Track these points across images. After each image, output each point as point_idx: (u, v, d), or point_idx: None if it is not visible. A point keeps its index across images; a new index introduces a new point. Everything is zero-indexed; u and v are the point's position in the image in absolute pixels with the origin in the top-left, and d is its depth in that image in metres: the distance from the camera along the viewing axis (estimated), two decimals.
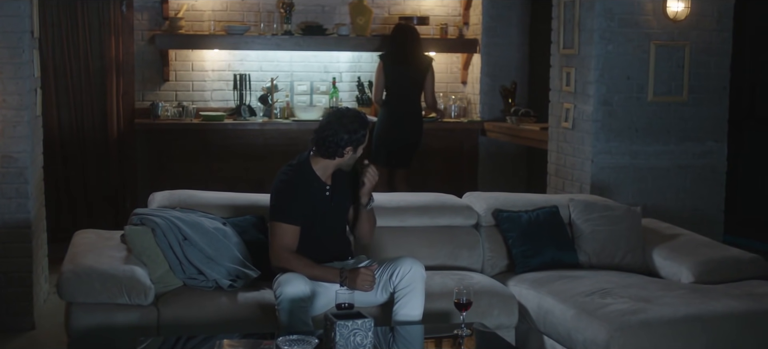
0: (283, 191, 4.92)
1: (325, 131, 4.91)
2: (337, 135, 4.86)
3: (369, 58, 9.38)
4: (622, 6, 6.98)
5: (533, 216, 5.76)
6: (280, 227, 4.89)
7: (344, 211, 5.11)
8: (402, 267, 4.83)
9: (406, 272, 4.82)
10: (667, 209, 7.14)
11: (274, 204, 4.93)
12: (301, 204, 4.89)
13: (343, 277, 4.75)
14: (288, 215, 4.88)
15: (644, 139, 7.13)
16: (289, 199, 4.89)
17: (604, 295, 4.93)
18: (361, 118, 4.94)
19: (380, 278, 4.86)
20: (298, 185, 4.92)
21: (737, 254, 5.59)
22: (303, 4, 9.17)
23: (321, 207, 4.96)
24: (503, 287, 5.35)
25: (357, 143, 4.91)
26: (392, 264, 4.88)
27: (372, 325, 4.15)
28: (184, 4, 8.95)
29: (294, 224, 4.88)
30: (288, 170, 4.98)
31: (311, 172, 4.96)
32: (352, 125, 4.87)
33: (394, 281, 4.83)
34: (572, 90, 7.28)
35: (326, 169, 4.97)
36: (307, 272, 4.79)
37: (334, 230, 5.07)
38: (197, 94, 9.12)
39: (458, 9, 9.56)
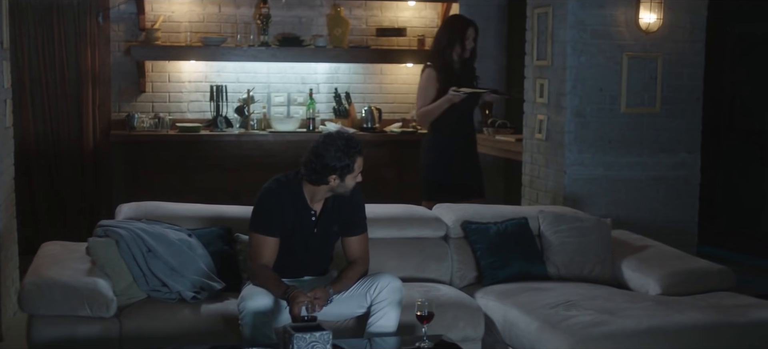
0: (265, 203, 4.86)
1: (311, 156, 4.79)
2: (322, 161, 4.75)
3: (346, 69, 9.39)
4: (595, 18, 6.97)
5: (502, 228, 5.75)
6: (258, 238, 4.85)
7: (329, 240, 5.02)
8: (380, 282, 4.83)
9: (384, 287, 4.81)
10: (640, 220, 7.13)
11: (255, 215, 4.88)
12: (282, 219, 4.83)
13: (287, 295, 4.63)
14: (266, 227, 4.83)
15: (617, 150, 7.12)
16: (269, 212, 4.83)
17: (569, 307, 4.92)
18: (351, 145, 4.78)
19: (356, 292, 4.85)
20: (282, 200, 4.85)
21: (705, 265, 5.59)
22: (280, 15, 9.16)
23: (304, 229, 4.90)
24: (470, 299, 5.33)
25: (343, 171, 4.77)
26: (370, 279, 4.88)
27: (330, 338, 4.15)
28: (161, 15, 8.94)
29: (272, 237, 4.83)
30: (275, 184, 4.91)
31: (300, 193, 4.88)
32: (338, 153, 4.73)
33: (372, 294, 4.82)
34: (546, 101, 7.28)
35: (315, 194, 4.88)
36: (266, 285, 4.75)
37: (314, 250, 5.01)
38: (174, 105, 9.10)
39: (436, 20, 9.55)
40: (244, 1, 9.10)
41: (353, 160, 4.75)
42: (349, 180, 4.79)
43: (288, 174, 4.92)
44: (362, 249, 4.99)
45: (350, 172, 4.77)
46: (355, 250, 4.98)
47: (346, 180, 4.78)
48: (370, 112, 9.14)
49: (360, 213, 5.02)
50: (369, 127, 9.12)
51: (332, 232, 4.96)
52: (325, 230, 4.94)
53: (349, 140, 4.79)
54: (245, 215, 5.08)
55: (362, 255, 4.98)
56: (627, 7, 7.01)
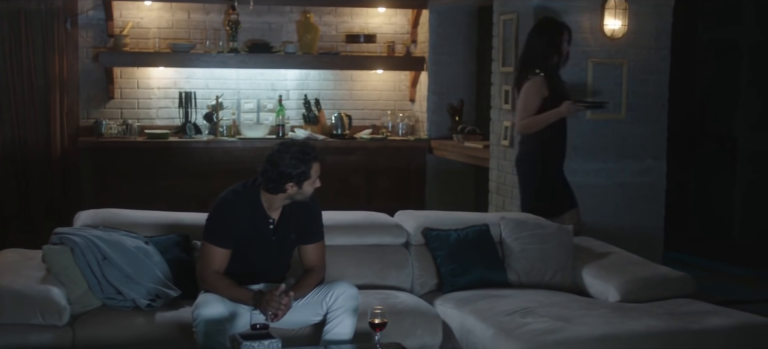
0: (220, 213, 4.83)
1: (267, 165, 4.76)
2: (277, 170, 4.72)
3: (316, 75, 9.37)
4: None
5: (462, 235, 5.73)
6: (209, 247, 4.82)
7: (286, 248, 4.98)
8: (336, 289, 4.80)
9: (340, 294, 4.78)
10: (606, 227, 7.12)
11: (209, 225, 4.86)
12: (236, 230, 4.80)
13: (255, 301, 4.67)
14: (219, 238, 4.80)
15: (583, 156, 7.12)
16: (224, 222, 4.80)
17: (525, 314, 4.90)
18: (305, 151, 4.75)
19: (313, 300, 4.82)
20: (238, 210, 4.82)
21: (666, 272, 5.59)
22: (250, 22, 9.14)
23: (262, 237, 4.87)
24: (428, 307, 5.31)
25: (300, 178, 4.74)
26: (326, 287, 4.85)
27: (279, 345, 4.12)
28: (130, 21, 8.91)
29: (223, 248, 4.81)
30: (231, 194, 4.88)
31: (257, 201, 4.85)
32: (293, 160, 4.70)
33: (328, 302, 4.79)
34: (511, 108, 7.27)
35: (273, 202, 4.84)
36: (227, 293, 4.74)
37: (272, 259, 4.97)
38: (143, 111, 9.07)
39: (406, 27, 9.55)
40: (213, 8, 9.07)
41: (309, 167, 4.73)
42: (307, 186, 4.77)
43: (246, 182, 4.89)
44: (319, 257, 4.97)
45: (307, 178, 4.75)
46: (312, 258, 4.96)
47: (304, 187, 4.76)
48: (340, 118, 9.13)
49: (317, 221, 5.00)
50: (339, 134, 9.10)
51: (290, 240, 4.94)
52: (283, 238, 4.91)
53: (303, 147, 4.77)
54: (203, 222, 5.03)
55: (319, 263, 4.96)
56: (592, 14, 7.02)
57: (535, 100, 6.51)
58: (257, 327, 4.37)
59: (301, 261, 4.99)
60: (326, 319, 4.80)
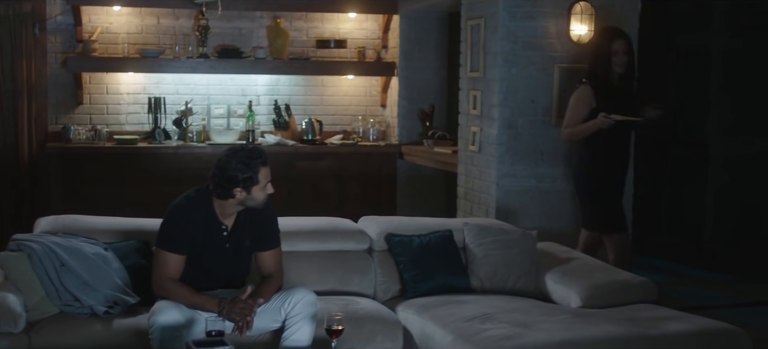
0: (174, 220, 4.81)
1: (215, 170, 4.76)
2: (225, 174, 4.71)
3: (287, 81, 9.36)
4: (526, 29, 6.97)
5: (425, 240, 5.71)
6: (163, 255, 4.79)
7: (242, 255, 4.94)
8: (294, 296, 4.78)
9: (298, 301, 4.75)
10: (573, 232, 7.11)
11: (162, 232, 4.83)
12: (190, 236, 4.77)
13: (220, 307, 4.65)
14: (173, 245, 4.77)
15: (549, 162, 7.11)
16: (178, 229, 4.77)
17: (484, 320, 4.88)
18: (253, 156, 4.73)
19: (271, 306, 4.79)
20: (191, 217, 4.79)
21: (627, 278, 5.58)
22: (220, 27, 9.11)
23: (216, 244, 4.84)
24: (389, 313, 5.28)
25: (247, 183, 4.72)
26: (285, 293, 4.83)
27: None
28: (99, 26, 8.87)
29: (178, 254, 4.78)
30: (184, 200, 4.86)
31: (210, 208, 4.82)
32: (240, 165, 4.68)
33: (286, 308, 4.77)
34: (479, 113, 7.26)
35: (225, 208, 4.82)
36: (186, 300, 4.71)
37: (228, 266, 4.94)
38: (112, 117, 9.03)
39: (377, 32, 9.54)
40: (183, 13, 9.04)
41: (256, 171, 4.70)
42: (257, 192, 4.74)
43: (199, 189, 4.88)
44: (276, 263, 4.95)
45: (255, 183, 4.72)
46: (269, 264, 4.94)
47: (253, 192, 4.73)
48: (311, 124, 9.10)
49: (273, 227, 4.98)
50: (309, 140, 9.07)
51: (245, 247, 4.91)
52: (238, 245, 4.88)
53: (251, 151, 4.75)
54: None
55: (276, 269, 4.94)
56: (558, 19, 7.02)
57: (581, 110, 6.48)
58: (213, 334, 4.35)
59: (259, 268, 4.97)
60: (285, 325, 4.77)
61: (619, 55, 6.43)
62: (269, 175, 4.78)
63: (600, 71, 6.47)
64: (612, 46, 6.42)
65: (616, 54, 6.42)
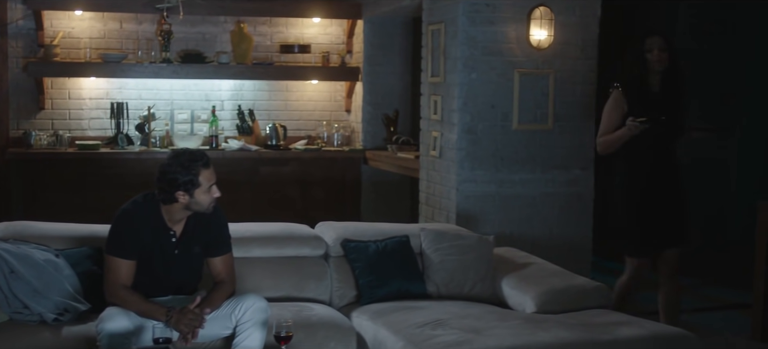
0: (122, 225, 4.78)
1: (158, 174, 4.73)
2: (166, 178, 4.68)
3: (251, 86, 9.33)
4: (486, 34, 6.96)
5: (381, 246, 5.68)
6: (113, 261, 4.75)
7: (192, 261, 4.90)
8: (245, 302, 4.75)
9: (249, 307, 4.72)
10: (534, 237, 7.12)
11: (111, 237, 4.79)
12: (139, 241, 4.74)
13: (169, 316, 4.61)
14: (122, 250, 4.73)
15: (510, 167, 7.10)
16: (126, 234, 4.74)
17: (436, 326, 4.86)
18: (193, 159, 4.69)
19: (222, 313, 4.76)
20: (139, 222, 4.76)
21: (582, 282, 5.57)
22: (183, 32, 9.07)
23: (165, 250, 4.81)
24: (343, 319, 5.25)
25: (188, 187, 4.67)
26: (235, 299, 4.80)
27: None
28: (61, 31, 8.81)
29: (128, 259, 4.74)
30: (131, 206, 4.83)
31: (158, 213, 4.79)
32: (181, 168, 4.65)
33: (237, 315, 4.74)
34: (439, 118, 7.25)
35: (172, 214, 4.78)
36: (136, 307, 4.67)
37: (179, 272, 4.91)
38: (74, 122, 8.98)
39: (342, 37, 9.52)
40: (146, 18, 9.00)
41: (197, 174, 4.67)
42: (200, 195, 4.70)
43: (147, 194, 4.84)
44: (227, 269, 4.91)
45: (197, 186, 4.68)
46: (220, 270, 4.90)
47: (196, 196, 4.69)
48: (275, 129, 9.07)
49: (223, 233, 4.94)
50: (274, 145, 9.04)
51: (195, 253, 4.87)
52: (187, 251, 4.85)
53: (191, 154, 4.73)
54: None
55: (227, 275, 4.91)
56: (518, 24, 7.01)
57: (614, 116, 5.92)
58: (160, 341, 4.32)
59: (211, 274, 4.94)
60: (235, 332, 4.74)
61: (655, 53, 5.82)
62: (213, 178, 4.74)
63: (634, 73, 5.89)
64: (645, 44, 5.85)
65: (651, 51, 5.82)
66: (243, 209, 8.55)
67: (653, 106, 5.84)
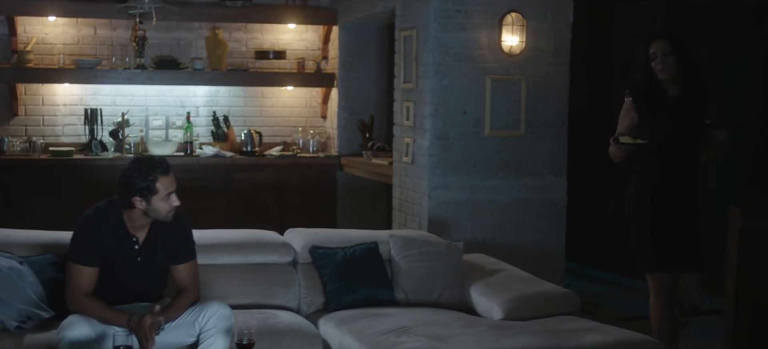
0: (84, 232, 4.77)
1: (119, 179, 4.74)
2: (124, 183, 4.68)
3: (226, 92, 9.30)
4: (457, 40, 6.95)
5: (349, 253, 5.66)
6: (75, 268, 4.73)
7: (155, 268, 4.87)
8: (209, 309, 4.73)
9: (212, 314, 4.71)
10: (507, 244, 7.10)
11: (73, 244, 4.78)
12: (101, 248, 4.72)
13: (130, 323, 4.58)
14: (84, 257, 4.71)
15: (482, 173, 7.09)
16: (88, 241, 4.72)
17: (400, 333, 4.85)
18: (152, 165, 4.68)
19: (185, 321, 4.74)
20: (101, 229, 4.74)
21: (550, 289, 5.56)
22: (158, 38, 9.04)
23: (128, 257, 4.78)
24: (309, 326, 5.23)
25: (145, 193, 4.66)
26: (199, 307, 4.77)
27: None
28: (34, 37, 8.77)
29: (89, 266, 4.72)
30: (94, 212, 4.82)
31: (120, 220, 4.77)
32: (138, 174, 4.65)
33: (201, 322, 4.72)
34: (412, 124, 7.24)
35: (134, 221, 4.76)
36: (98, 314, 4.64)
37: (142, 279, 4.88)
38: (48, 129, 8.93)
39: (317, 43, 9.49)
40: (120, 23, 8.95)
41: (154, 180, 4.64)
42: (158, 202, 4.67)
43: (110, 200, 4.82)
44: (191, 277, 4.89)
45: (154, 193, 4.65)
46: (184, 278, 4.87)
47: (154, 202, 4.67)
48: (250, 135, 9.03)
49: (186, 240, 4.92)
50: (249, 151, 9.00)
51: (158, 260, 4.85)
52: (150, 258, 4.82)
53: (151, 160, 4.73)
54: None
55: (191, 283, 4.88)
56: (489, 30, 7.00)
57: (625, 124, 5.51)
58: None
59: (174, 281, 4.91)
60: (199, 340, 4.73)
61: (658, 59, 5.35)
62: (172, 186, 4.71)
63: (641, 80, 5.47)
64: (649, 50, 5.38)
65: (654, 59, 5.36)
66: (217, 215, 8.54)
67: (669, 113, 5.37)
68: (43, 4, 8.61)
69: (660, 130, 5.37)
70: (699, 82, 5.44)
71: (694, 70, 5.41)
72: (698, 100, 5.43)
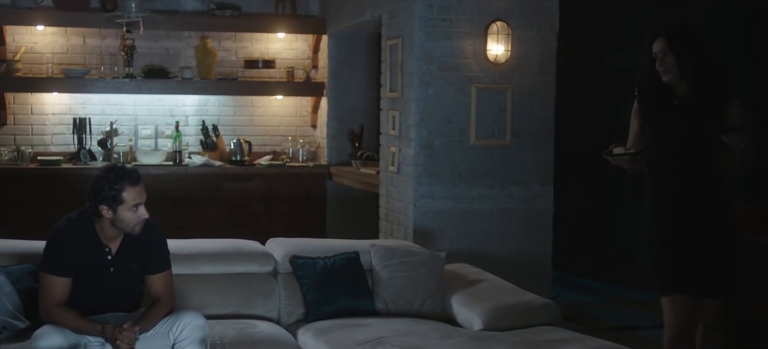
0: (56, 242, 4.73)
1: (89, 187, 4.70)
2: (92, 190, 4.66)
3: (216, 101, 9.29)
4: (442, 49, 6.93)
5: (330, 262, 5.63)
6: (48, 278, 4.69)
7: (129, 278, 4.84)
8: (183, 319, 4.70)
9: (186, 324, 4.68)
10: (493, 253, 7.07)
11: (45, 255, 4.74)
12: (73, 258, 4.68)
13: (104, 333, 4.56)
14: (56, 268, 4.68)
15: (467, 182, 7.06)
16: (60, 251, 4.69)
17: (377, 344, 4.82)
18: (121, 175, 4.64)
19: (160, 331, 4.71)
20: (73, 239, 4.71)
21: (530, 299, 5.52)
22: (148, 47, 9.03)
23: (100, 267, 4.75)
24: (287, 336, 5.21)
25: (112, 202, 4.61)
26: (174, 317, 4.75)
27: None
28: (22, 46, 8.76)
29: (62, 277, 4.68)
30: (66, 222, 4.78)
31: (92, 230, 4.74)
32: (106, 183, 4.61)
33: (175, 332, 4.69)
34: (397, 134, 7.22)
35: (106, 230, 4.73)
36: (72, 325, 4.61)
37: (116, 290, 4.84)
38: (37, 138, 8.93)
39: (307, 52, 9.48)
40: (109, 33, 8.95)
41: (121, 190, 4.60)
42: (124, 213, 4.64)
43: (83, 210, 4.79)
44: (165, 287, 4.86)
45: (120, 203, 4.62)
46: (158, 288, 4.85)
47: (120, 212, 4.63)
48: (239, 144, 9.02)
49: (160, 250, 4.89)
50: (238, 160, 8.99)
51: (131, 270, 4.82)
52: (123, 268, 4.79)
53: (121, 170, 4.68)
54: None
55: (165, 293, 4.85)
56: (474, 39, 6.98)
57: (634, 127, 5.01)
58: None
59: (149, 291, 4.89)
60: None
61: (659, 59, 4.73)
62: (139, 197, 4.67)
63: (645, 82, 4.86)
64: (653, 49, 4.77)
65: (657, 59, 4.74)
66: (206, 225, 8.53)
67: (672, 118, 4.76)
68: (32, 13, 8.62)
69: (663, 136, 4.79)
70: (714, 82, 4.71)
71: (705, 69, 4.70)
72: (710, 101, 4.70)
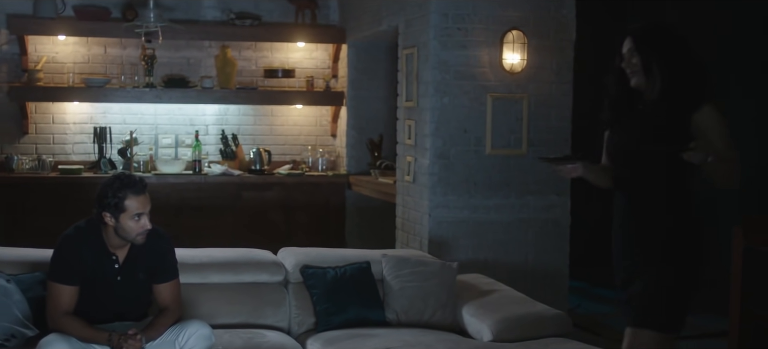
0: (63, 251, 4.76)
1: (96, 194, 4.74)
2: (97, 197, 4.71)
3: (236, 110, 9.30)
4: (458, 58, 6.90)
5: (340, 272, 5.61)
6: (55, 287, 4.72)
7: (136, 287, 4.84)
8: (189, 329, 4.71)
9: (192, 334, 4.69)
10: (509, 264, 7.02)
11: (53, 263, 4.77)
12: (80, 267, 4.71)
13: (110, 342, 4.56)
14: (63, 276, 4.71)
15: (483, 192, 7.02)
16: (67, 260, 4.72)
17: None
18: (126, 184, 4.67)
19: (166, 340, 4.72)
20: (80, 247, 4.74)
21: (541, 310, 5.47)
22: (168, 56, 9.06)
23: (107, 276, 4.77)
24: (295, 346, 5.19)
25: (114, 210, 4.64)
26: (180, 326, 4.76)
27: None
28: (44, 56, 8.82)
29: (69, 285, 4.70)
30: (73, 231, 4.82)
31: (100, 238, 4.76)
32: (110, 191, 4.65)
33: (181, 342, 4.70)
34: (413, 143, 7.19)
35: (111, 238, 4.75)
36: (79, 333, 4.63)
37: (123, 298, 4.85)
38: (58, 147, 8.97)
39: (327, 61, 9.48)
40: (130, 42, 8.98)
41: (123, 198, 4.62)
42: (126, 221, 4.65)
43: (90, 219, 4.81)
44: (172, 296, 4.86)
45: (122, 211, 4.63)
46: (165, 297, 4.85)
47: (122, 221, 4.64)
48: (259, 154, 9.02)
49: (168, 259, 4.89)
50: (257, 170, 8.99)
51: (139, 279, 4.82)
52: (130, 277, 4.80)
53: (126, 178, 4.70)
54: None
55: (172, 302, 4.85)
56: (490, 48, 6.94)
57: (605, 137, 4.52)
58: None
59: (156, 300, 4.89)
60: None
61: (626, 60, 4.20)
62: (143, 207, 4.68)
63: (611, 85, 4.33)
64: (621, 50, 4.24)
65: (624, 60, 4.21)
66: (225, 234, 8.54)
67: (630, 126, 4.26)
68: (53, 23, 8.67)
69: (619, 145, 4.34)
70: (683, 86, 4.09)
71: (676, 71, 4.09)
72: (673, 107, 4.09)
